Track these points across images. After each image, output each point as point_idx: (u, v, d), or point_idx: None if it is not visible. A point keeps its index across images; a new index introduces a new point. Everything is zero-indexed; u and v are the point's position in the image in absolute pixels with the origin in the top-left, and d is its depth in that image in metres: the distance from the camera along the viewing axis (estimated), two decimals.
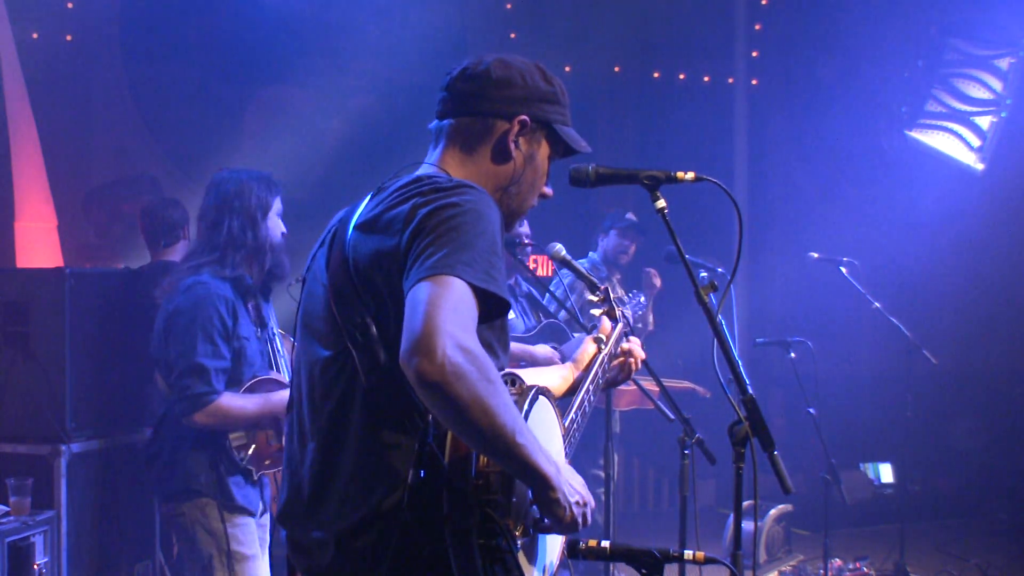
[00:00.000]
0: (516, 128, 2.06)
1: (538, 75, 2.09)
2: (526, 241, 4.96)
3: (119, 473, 4.16)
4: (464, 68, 2.09)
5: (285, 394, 3.54)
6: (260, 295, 3.65)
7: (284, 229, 3.65)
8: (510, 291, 5.03)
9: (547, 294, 5.18)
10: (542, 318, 5.00)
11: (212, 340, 3.39)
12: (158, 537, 4.27)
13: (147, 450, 3.68)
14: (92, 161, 7.18)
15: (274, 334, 4.05)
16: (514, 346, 4.55)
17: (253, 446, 3.50)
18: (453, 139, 2.08)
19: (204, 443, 3.45)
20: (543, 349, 4.26)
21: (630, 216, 5.89)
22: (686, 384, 5.85)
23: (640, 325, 5.58)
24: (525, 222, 5.13)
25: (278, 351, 4.04)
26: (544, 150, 2.11)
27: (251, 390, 3.52)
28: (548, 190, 2.17)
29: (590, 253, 5.80)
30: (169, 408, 3.51)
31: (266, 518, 3.69)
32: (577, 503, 1.84)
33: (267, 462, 3.56)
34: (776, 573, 5.77)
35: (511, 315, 5.11)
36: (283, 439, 3.52)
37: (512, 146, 2.06)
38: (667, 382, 5.52)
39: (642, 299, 5.66)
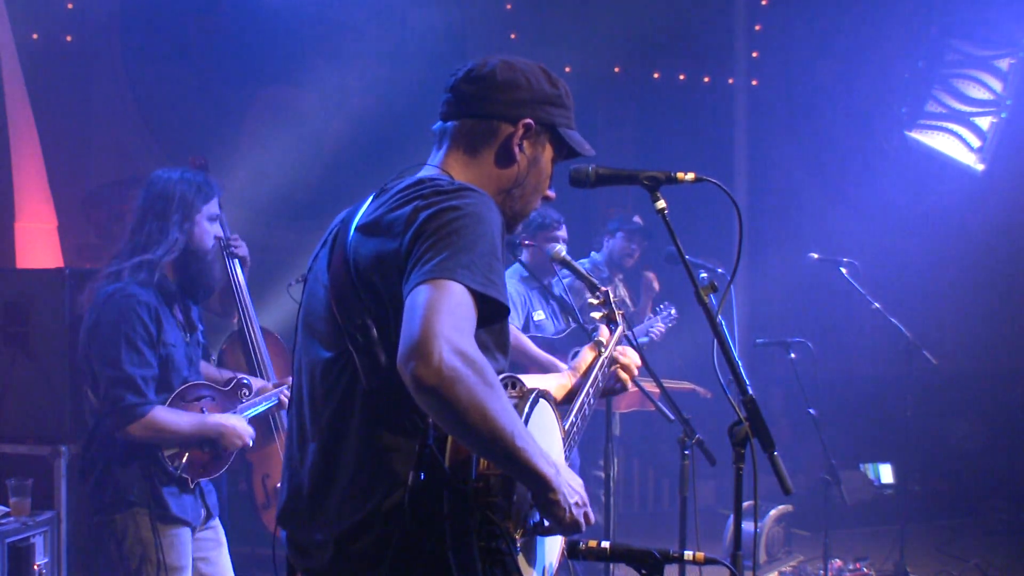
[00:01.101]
0: (520, 131, 2.05)
1: (543, 78, 2.09)
2: (526, 242, 4.96)
3: None
4: (469, 70, 2.08)
5: (224, 419, 3.49)
6: (188, 299, 3.55)
7: (219, 234, 3.55)
8: (543, 293, 5.05)
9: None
10: (571, 322, 4.99)
11: (137, 348, 3.29)
12: None
13: (80, 463, 3.57)
14: (92, 161, 7.18)
15: (258, 333, 4.02)
16: (541, 355, 4.57)
17: (187, 454, 3.42)
18: (457, 141, 2.07)
19: (135, 454, 3.35)
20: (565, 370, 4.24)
21: (637, 219, 5.88)
22: (687, 385, 5.84)
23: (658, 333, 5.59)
24: (563, 226, 5.23)
25: (261, 349, 4.02)
26: (548, 153, 2.11)
27: (181, 396, 3.43)
28: (551, 193, 2.17)
29: (592, 253, 5.78)
30: (100, 421, 3.41)
31: (214, 523, 3.60)
32: (577, 504, 1.84)
33: (202, 470, 3.48)
34: (776, 573, 5.77)
35: (541, 316, 5.12)
36: (218, 450, 3.47)
37: (516, 149, 2.06)
38: (668, 383, 5.53)
39: (673, 311, 5.67)
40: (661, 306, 5.68)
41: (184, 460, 3.41)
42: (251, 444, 3.57)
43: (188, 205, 3.43)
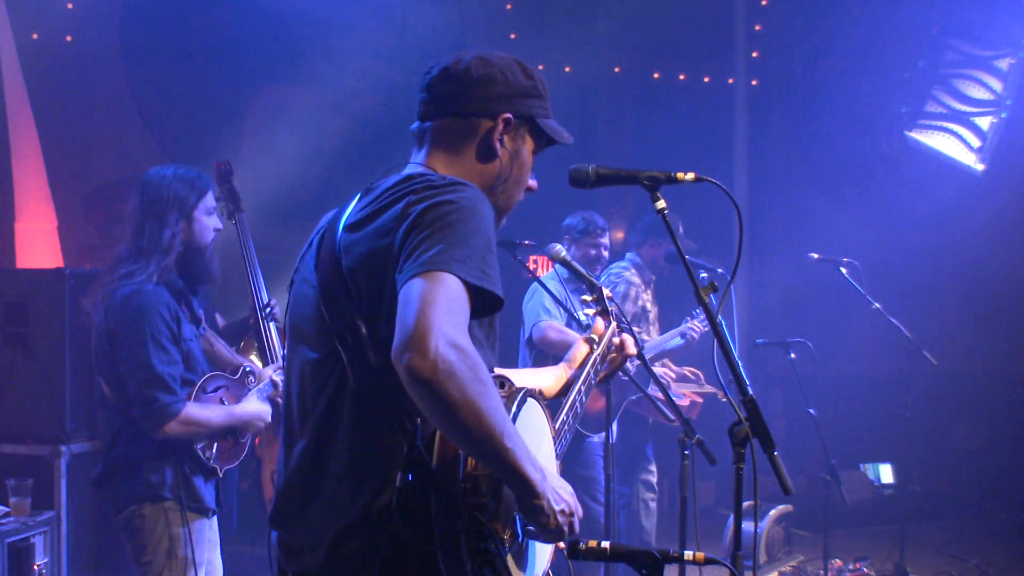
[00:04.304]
0: (500, 126, 2.05)
1: (518, 70, 2.08)
2: (526, 242, 4.96)
3: None
4: (444, 68, 2.08)
5: (246, 406, 3.61)
6: (191, 293, 3.61)
7: (218, 226, 3.59)
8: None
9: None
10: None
11: (164, 347, 3.34)
12: None
13: (104, 463, 3.51)
14: (92, 161, 7.18)
15: (275, 334, 4.06)
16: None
17: (216, 444, 3.52)
18: (437, 140, 2.07)
19: (169, 448, 3.40)
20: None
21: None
22: (709, 388, 5.80)
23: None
24: (607, 233, 5.31)
25: (276, 347, 4.06)
26: (528, 144, 2.11)
27: (202, 388, 3.51)
28: (533, 183, 2.17)
29: (628, 255, 5.75)
30: (126, 422, 3.41)
31: (214, 519, 3.67)
32: (563, 512, 1.82)
33: (228, 457, 3.60)
34: (776, 574, 5.77)
35: (583, 317, 5.16)
36: (240, 437, 3.58)
37: (497, 144, 2.06)
38: (693, 388, 5.52)
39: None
40: (696, 311, 5.67)
41: (214, 450, 3.51)
42: (269, 422, 3.68)
43: (183, 202, 3.48)
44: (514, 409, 1.86)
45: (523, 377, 2.33)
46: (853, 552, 6.19)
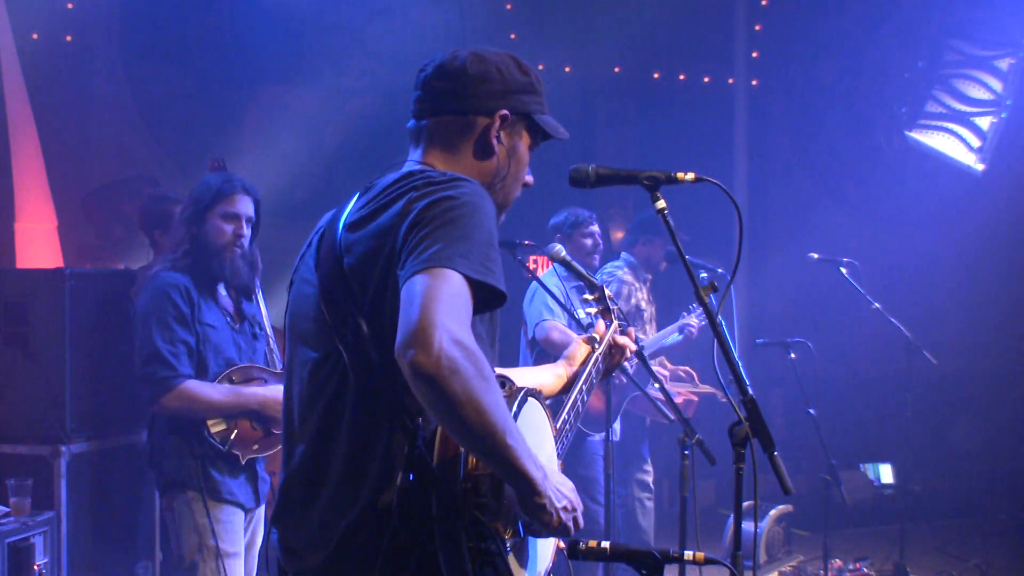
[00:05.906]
0: (497, 123, 2.04)
1: (513, 66, 2.07)
2: (526, 242, 4.96)
3: (119, 473, 4.16)
4: (439, 65, 2.07)
5: (261, 389, 3.58)
6: (239, 293, 3.74)
7: (240, 232, 3.66)
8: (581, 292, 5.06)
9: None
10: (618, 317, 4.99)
11: (167, 326, 3.48)
12: (158, 537, 4.27)
13: (146, 450, 3.74)
14: (92, 161, 7.18)
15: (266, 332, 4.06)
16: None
17: (236, 431, 3.52)
18: (434, 138, 2.06)
19: (185, 433, 3.50)
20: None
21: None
22: (708, 388, 5.80)
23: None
24: (595, 221, 5.32)
25: (272, 345, 4.06)
26: (525, 140, 2.10)
27: (228, 378, 3.56)
28: (529, 179, 2.16)
29: (622, 254, 5.75)
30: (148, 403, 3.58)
31: (261, 511, 3.71)
32: (565, 508, 1.82)
33: (255, 447, 3.58)
34: (776, 574, 5.77)
35: (582, 315, 5.15)
36: (269, 426, 3.56)
37: (494, 141, 2.05)
38: (691, 388, 5.52)
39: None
40: (693, 305, 5.66)
41: (233, 437, 3.51)
42: None
43: (197, 203, 3.64)
44: (515, 408, 1.86)
45: (522, 376, 2.33)
46: (853, 552, 6.19)
